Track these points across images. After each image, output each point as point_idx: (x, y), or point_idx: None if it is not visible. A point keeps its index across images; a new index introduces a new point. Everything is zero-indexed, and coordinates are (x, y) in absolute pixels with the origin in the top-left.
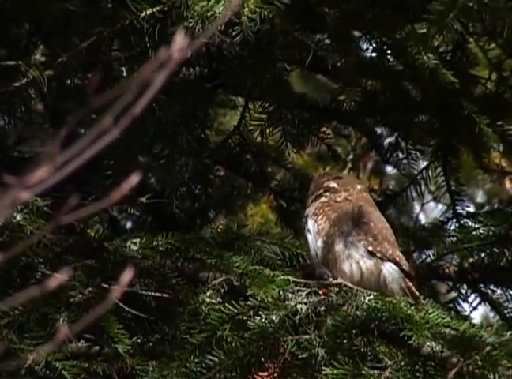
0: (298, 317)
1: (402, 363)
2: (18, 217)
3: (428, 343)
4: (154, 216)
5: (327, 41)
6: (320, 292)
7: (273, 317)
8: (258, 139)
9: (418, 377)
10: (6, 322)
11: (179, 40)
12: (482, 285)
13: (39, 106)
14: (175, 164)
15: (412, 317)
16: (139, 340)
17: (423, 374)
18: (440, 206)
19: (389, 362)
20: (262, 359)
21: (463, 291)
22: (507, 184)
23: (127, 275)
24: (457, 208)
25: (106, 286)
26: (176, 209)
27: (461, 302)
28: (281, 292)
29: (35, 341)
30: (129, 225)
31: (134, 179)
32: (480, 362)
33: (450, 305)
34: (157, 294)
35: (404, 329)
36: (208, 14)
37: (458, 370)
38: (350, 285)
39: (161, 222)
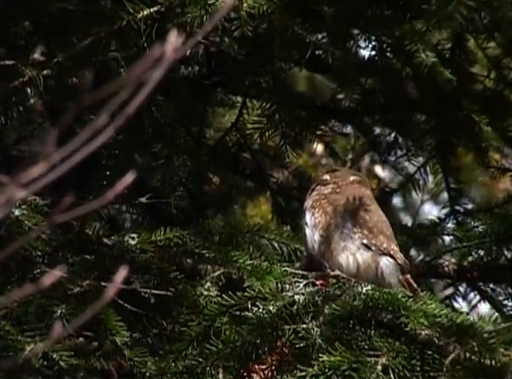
0: (295, 307)
1: (399, 350)
2: (17, 212)
3: (425, 332)
4: (152, 216)
5: (326, 39)
6: (317, 283)
7: (271, 308)
8: (258, 141)
9: (415, 365)
10: (4, 314)
11: (174, 39)
12: (481, 283)
13: (39, 105)
14: (173, 164)
15: (409, 306)
16: (137, 336)
17: (421, 362)
18: (438, 204)
19: (387, 350)
20: (260, 349)
21: (462, 289)
22: (501, 185)
23: (121, 274)
24: (456, 206)
25: (103, 280)
26: (174, 209)
27: (459, 300)
28: (279, 283)
29: (32, 333)
30: (127, 225)
31: (129, 178)
32: (476, 348)
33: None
34: (156, 291)
35: (401, 317)
36: (211, 2)
37: (455, 357)
38: (347, 277)
39: (159, 222)
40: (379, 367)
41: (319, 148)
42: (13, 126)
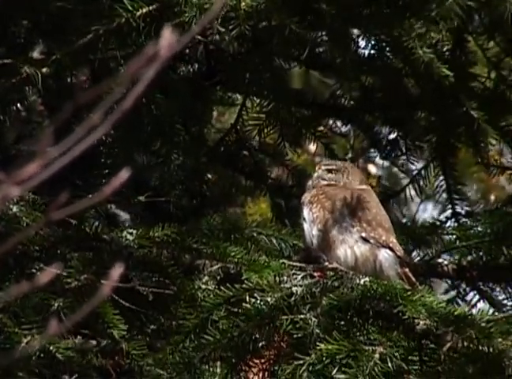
0: (293, 298)
1: (397, 340)
2: (15, 209)
3: (423, 322)
4: (151, 214)
5: (325, 38)
6: (315, 275)
7: (269, 299)
8: (256, 138)
9: (413, 354)
10: (1, 307)
11: (167, 36)
12: (480, 283)
13: (38, 104)
14: (172, 162)
15: (407, 296)
16: (135, 332)
17: (418, 351)
18: (438, 205)
19: (384, 339)
20: (257, 341)
21: (462, 289)
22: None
23: (118, 270)
24: (456, 207)
25: (101, 275)
26: (173, 208)
27: (460, 301)
28: (277, 276)
29: (30, 326)
30: (126, 224)
31: (125, 174)
32: (474, 336)
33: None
34: (155, 289)
35: (398, 306)
36: (206, 6)
37: (452, 345)
38: (345, 269)
39: (158, 220)
40: (377, 356)
41: (316, 147)
42: (13, 126)
